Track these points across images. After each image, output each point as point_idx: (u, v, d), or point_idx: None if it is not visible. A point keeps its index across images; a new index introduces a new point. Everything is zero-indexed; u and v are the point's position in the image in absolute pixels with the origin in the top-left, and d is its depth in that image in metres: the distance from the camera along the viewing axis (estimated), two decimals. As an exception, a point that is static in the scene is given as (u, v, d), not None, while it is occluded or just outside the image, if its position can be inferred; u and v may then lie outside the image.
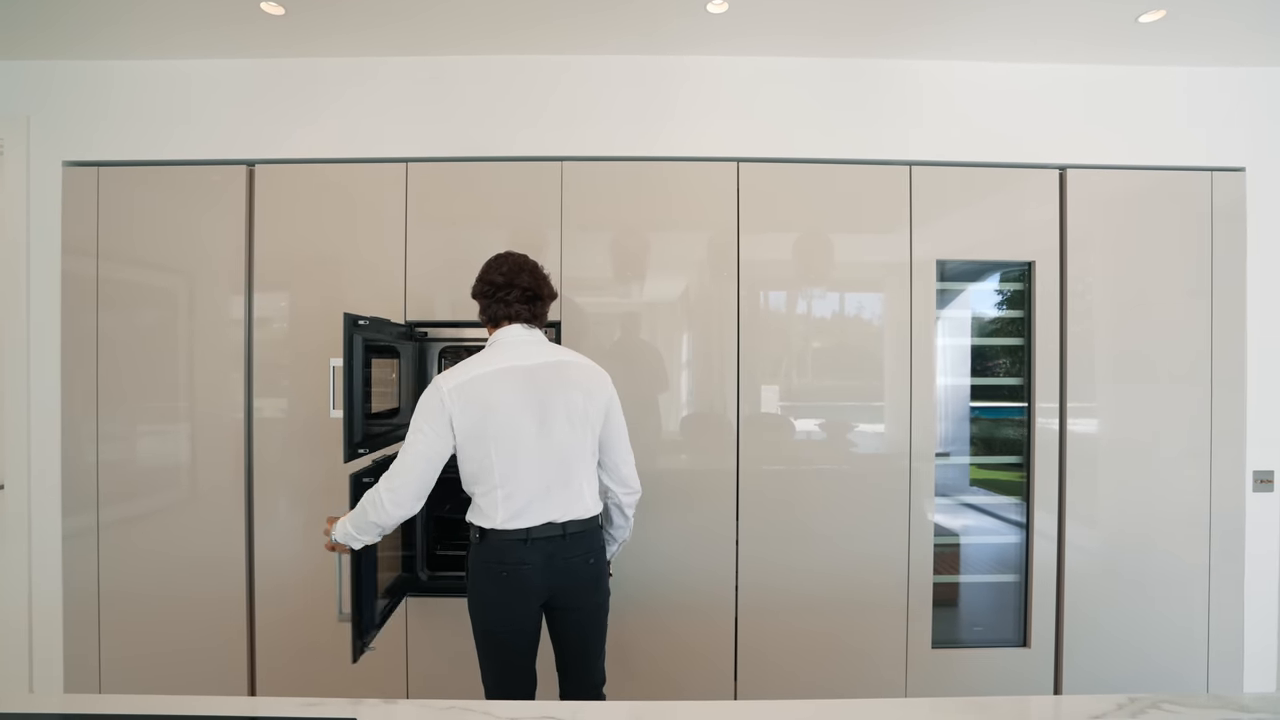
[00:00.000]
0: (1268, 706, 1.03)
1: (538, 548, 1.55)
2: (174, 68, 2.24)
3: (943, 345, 2.38)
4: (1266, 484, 2.30)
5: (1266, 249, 2.28)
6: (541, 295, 1.66)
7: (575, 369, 1.63)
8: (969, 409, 2.36)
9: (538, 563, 1.55)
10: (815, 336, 2.22)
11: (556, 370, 1.60)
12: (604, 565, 1.68)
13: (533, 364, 1.59)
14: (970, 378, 2.35)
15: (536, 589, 1.56)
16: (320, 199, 2.19)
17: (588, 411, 1.61)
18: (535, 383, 1.57)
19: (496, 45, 2.19)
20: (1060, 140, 2.27)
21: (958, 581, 2.36)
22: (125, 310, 2.19)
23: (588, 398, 1.61)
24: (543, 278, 1.68)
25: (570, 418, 1.59)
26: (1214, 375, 2.24)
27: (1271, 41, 2.14)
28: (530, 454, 1.55)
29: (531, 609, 1.58)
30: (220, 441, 2.19)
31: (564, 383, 1.59)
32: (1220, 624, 2.25)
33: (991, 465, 2.37)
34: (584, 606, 1.64)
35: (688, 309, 2.20)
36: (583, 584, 1.62)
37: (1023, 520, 2.29)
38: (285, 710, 1.02)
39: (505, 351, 1.60)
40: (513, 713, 1.01)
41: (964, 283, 2.35)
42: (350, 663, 1.87)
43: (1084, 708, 1.03)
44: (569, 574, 1.59)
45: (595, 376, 1.65)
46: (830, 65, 2.26)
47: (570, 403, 1.59)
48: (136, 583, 2.19)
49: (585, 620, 1.64)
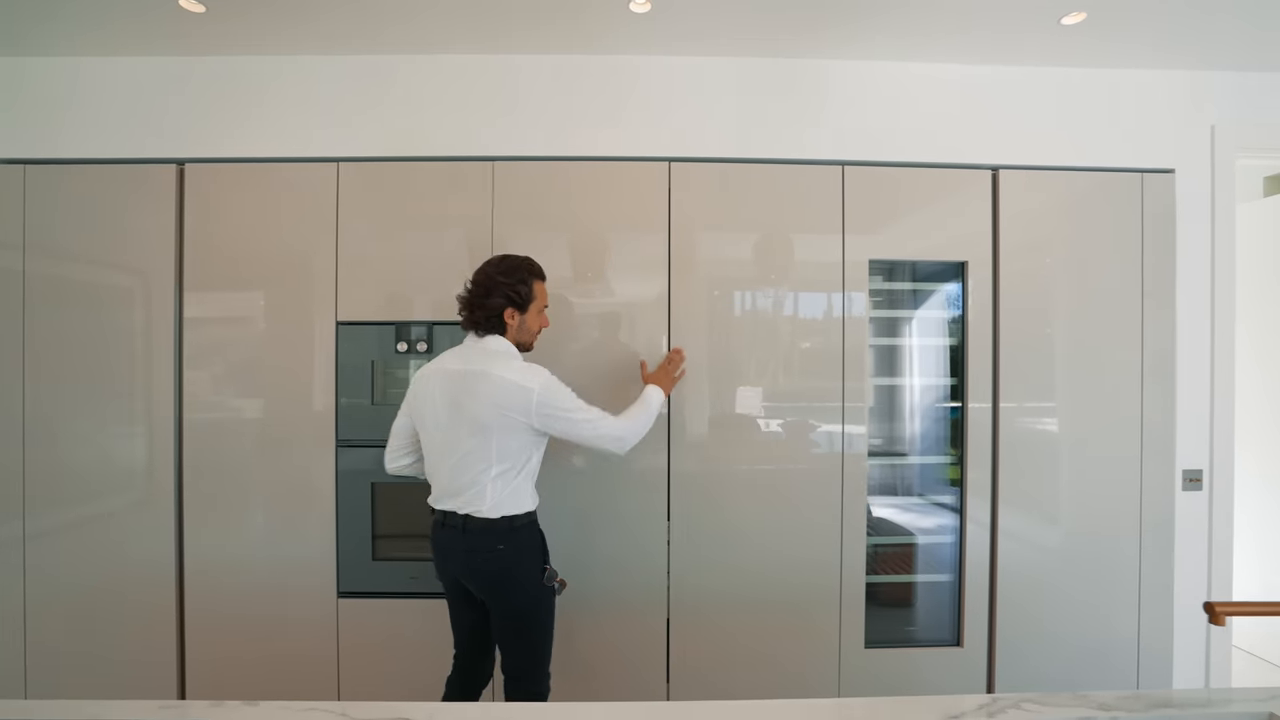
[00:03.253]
0: (1125, 705, 1.04)
1: (445, 533, 1.73)
2: (98, 65, 2.22)
3: (917, 345, 2.39)
4: (1196, 483, 2.31)
5: (1195, 251, 2.30)
6: (486, 304, 1.71)
7: (492, 382, 1.65)
8: (948, 409, 2.36)
9: (444, 545, 1.74)
10: (749, 334, 2.22)
11: (473, 380, 1.67)
12: (509, 568, 1.70)
13: (454, 369, 1.71)
14: (949, 377, 2.35)
15: (446, 568, 1.76)
16: (251, 198, 2.17)
17: (492, 423, 1.65)
18: (453, 388, 1.69)
19: (423, 45, 2.19)
20: (993, 141, 2.28)
21: (913, 581, 2.37)
22: (53, 309, 2.17)
23: (499, 410, 1.65)
24: (491, 286, 1.71)
25: (474, 425, 1.66)
26: (1145, 375, 2.26)
27: (1190, 46, 2.16)
28: (441, 449, 1.72)
29: (447, 581, 1.79)
30: (150, 443, 2.17)
31: (474, 394, 1.66)
32: (1150, 621, 2.26)
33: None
34: (493, 607, 1.73)
35: (615, 309, 2.20)
36: (482, 579, 1.71)
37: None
38: (141, 714, 1.01)
39: (451, 354, 1.77)
40: (368, 713, 1.00)
41: (937, 283, 2.35)
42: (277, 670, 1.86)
43: (944, 708, 1.03)
44: (469, 566, 1.71)
45: (513, 393, 1.65)
46: (759, 65, 2.27)
47: (476, 412, 1.66)
48: (62, 587, 2.17)
49: (497, 620, 1.75)
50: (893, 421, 2.55)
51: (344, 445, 2.16)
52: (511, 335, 1.75)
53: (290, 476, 2.17)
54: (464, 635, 1.83)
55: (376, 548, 2.17)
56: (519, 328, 1.76)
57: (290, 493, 2.17)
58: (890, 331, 2.48)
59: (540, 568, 1.75)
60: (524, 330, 1.77)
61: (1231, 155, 2.29)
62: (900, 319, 2.47)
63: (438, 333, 2.17)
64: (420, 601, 2.16)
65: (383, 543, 2.17)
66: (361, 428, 2.16)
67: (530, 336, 1.80)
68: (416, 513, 2.16)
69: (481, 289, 1.72)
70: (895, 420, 2.55)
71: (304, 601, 2.17)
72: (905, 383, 2.50)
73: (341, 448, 2.16)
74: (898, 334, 2.48)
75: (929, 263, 2.33)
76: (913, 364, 2.46)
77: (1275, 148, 2.31)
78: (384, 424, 2.16)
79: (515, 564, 1.70)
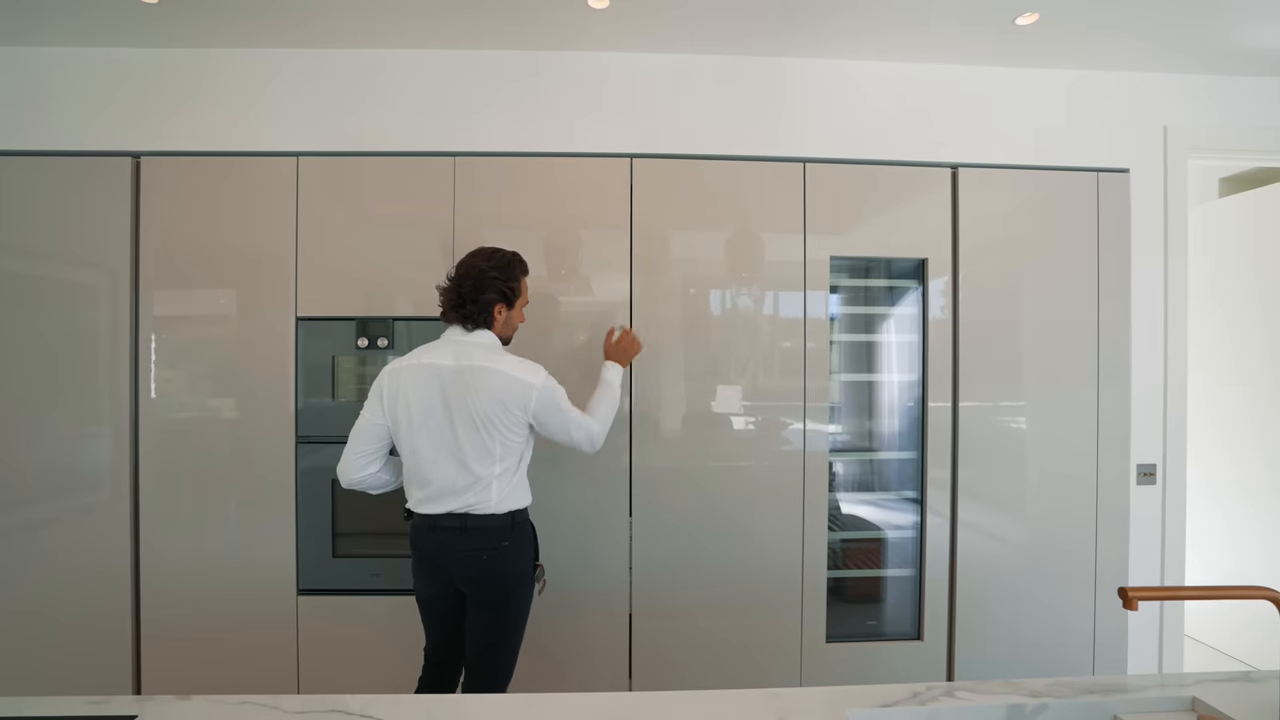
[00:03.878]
0: (1054, 691, 1.06)
1: (440, 534, 1.68)
2: (47, 55, 2.19)
3: (895, 342, 2.41)
4: (1149, 477, 2.36)
5: (1149, 249, 2.35)
6: (478, 300, 1.68)
7: (493, 376, 1.64)
8: (920, 405, 2.37)
9: (439, 547, 1.68)
10: (716, 333, 2.23)
11: (473, 375, 1.64)
12: (510, 563, 1.70)
13: (450, 365, 1.66)
14: (920, 374, 2.36)
15: (440, 570, 1.71)
16: (208, 192, 2.15)
17: (495, 417, 1.64)
18: (446, 384, 1.65)
19: (379, 39, 2.18)
20: (951, 139, 2.31)
21: (880, 576, 2.39)
22: (6, 305, 2.13)
23: (503, 406, 1.64)
24: (484, 282, 1.68)
25: (474, 421, 1.63)
26: (1100, 371, 2.29)
27: (1142, 48, 2.20)
28: (433, 448, 1.66)
29: (438, 589, 1.74)
30: (106, 442, 2.14)
31: (476, 389, 1.63)
32: (1106, 613, 2.30)
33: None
34: (481, 601, 1.70)
35: (583, 305, 2.20)
36: (480, 575, 1.68)
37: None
38: (68, 709, 1.00)
39: (435, 349, 1.70)
40: (303, 705, 1.00)
41: (911, 280, 2.36)
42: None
43: (877, 696, 1.05)
44: (469, 564, 1.68)
45: (513, 386, 1.65)
46: (717, 62, 2.28)
47: (479, 408, 1.63)
48: (13, 587, 2.13)
49: (482, 615, 1.71)
50: (865, 418, 2.57)
51: (304, 442, 2.14)
52: (497, 330, 1.73)
53: (249, 473, 2.15)
54: (444, 635, 1.79)
55: (337, 545, 2.15)
56: (504, 323, 1.75)
57: (249, 489, 2.15)
58: (863, 328, 2.49)
59: (533, 564, 1.75)
60: (508, 325, 1.77)
61: (1184, 156, 2.34)
62: (874, 316, 2.48)
63: (398, 328, 2.16)
64: (381, 599, 2.15)
65: (343, 540, 2.16)
66: (322, 424, 2.15)
67: (512, 331, 1.80)
68: (378, 509, 2.15)
69: (473, 283, 1.68)
70: (867, 417, 2.57)
71: (263, 599, 2.15)
72: (877, 379, 2.52)
73: (301, 444, 2.14)
74: (871, 330, 2.49)
75: (901, 260, 2.34)
76: (890, 360, 2.46)
77: (1225, 149, 2.36)
78: (345, 420, 2.14)
79: (514, 559, 1.70)
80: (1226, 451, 2.94)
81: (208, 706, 1.00)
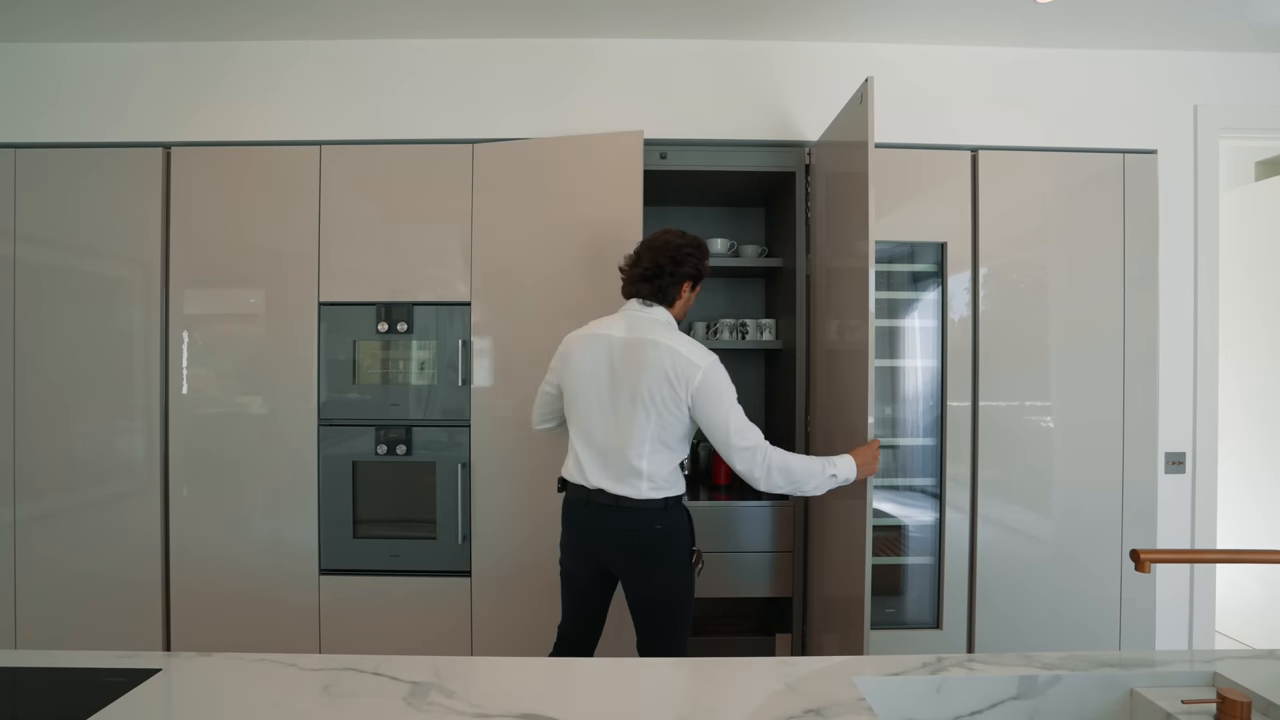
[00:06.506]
0: (1068, 664, 1.04)
1: (591, 510, 1.65)
2: (80, 50, 2.27)
3: (918, 328, 2.35)
4: (1179, 466, 2.30)
5: (1178, 233, 2.29)
6: (676, 272, 1.67)
7: (661, 351, 1.59)
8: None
9: (590, 522, 1.66)
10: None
11: (640, 348, 1.60)
12: (663, 548, 1.64)
13: (620, 337, 1.64)
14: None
15: (590, 545, 1.68)
16: (233, 181, 2.20)
17: (657, 393, 1.58)
18: (614, 355, 1.64)
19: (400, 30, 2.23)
20: (971, 122, 2.28)
21: (901, 564, 2.35)
22: (45, 297, 2.21)
23: (667, 383, 1.58)
24: (681, 256, 1.67)
25: (636, 396, 1.59)
26: (1127, 357, 2.24)
27: (1171, 25, 2.14)
28: (595, 420, 1.65)
29: (581, 564, 1.71)
30: (140, 428, 2.21)
31: (641, 362, 1.59)
32: (1133, 605, 2.25)
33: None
34: (637, 587, 1.67)
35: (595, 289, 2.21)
36: (633, 559, 1.64)
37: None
38: (97, 662, 1.03)
39: (610, 320, 1.70)
40: (320, 663, 1.02)
41: (932, 265, 2.29)
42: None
43: (886, 666, 1.04)
44: (621, 545, 1.64)
45: (679, 363, 1.58)
46: (735, 47, 2.29)
47: (641, 381, 1.59)
48: (53, 579, 2.21)
49: (640, 597, 1.67)
50: (885, 405, 2.52)
51: (326, 424, 2.19)
52: (678, 309, 1.72)
53: (274, 461, 2.20)
54: (584, 612, 1.75)
55: (357, 527, 2.19)
56: (685, 302, 1.73)
57: (274, 476, 2.20)
58: (885, 314, 2.44)
59: (689, 549, 1.70)
60: (686, 305, 1.75)
61: (1215, 136, 2.27)
62: (900, 301, 2.41)
63: (418, 313, 2.19)
64: (400, 579, 2.18)
65: (364, 521, 2.20)
66: (344, 409, 2.19)
67: (685, 313, 1.78)
68: (398, 490, 2.19)
69: (671, 255, 1.66)
70: (894, 404, 2.51)
71: (286, 579, 2.20)
72: (903, 365, 2.45)
73: (324, 426, 2.19)
74: (895, 316, 2.44)
75: (922, 245, 2.28)
76: (915, 347, 2.40)
77: (1258, 128, 2.29)
78: (365, 404, 2.19)
79: (669, 543, 1.65)
80: (1260, 437, 2.85)
81: (228, 663, 1.03)
